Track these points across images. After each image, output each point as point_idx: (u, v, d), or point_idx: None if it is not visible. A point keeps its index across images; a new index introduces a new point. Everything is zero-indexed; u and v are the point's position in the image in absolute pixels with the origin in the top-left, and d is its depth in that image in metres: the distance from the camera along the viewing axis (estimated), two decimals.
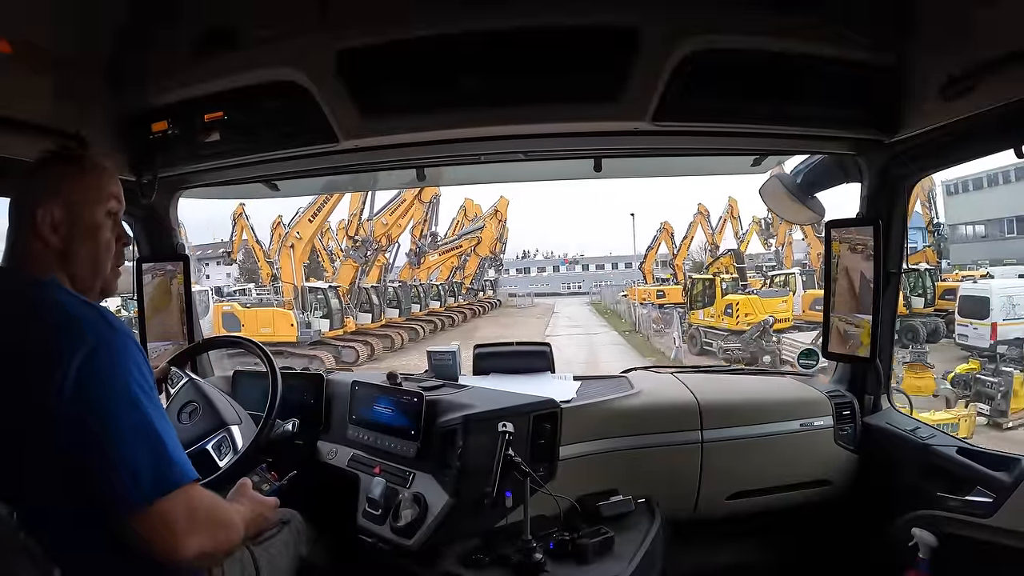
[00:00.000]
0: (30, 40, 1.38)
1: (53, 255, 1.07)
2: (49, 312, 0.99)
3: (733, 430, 2.01)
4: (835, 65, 1.53)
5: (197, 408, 1.67)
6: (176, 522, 0.97)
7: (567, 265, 57.28)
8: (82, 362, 0.94)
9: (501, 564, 1.50)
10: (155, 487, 0.95)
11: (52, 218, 1.06)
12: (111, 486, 0.94)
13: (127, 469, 0.94)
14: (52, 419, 0.92)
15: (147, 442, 0.96)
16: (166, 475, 0.97)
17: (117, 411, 0.95)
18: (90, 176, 1.12)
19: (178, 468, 0.99)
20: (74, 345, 0.94)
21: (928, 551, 1.67)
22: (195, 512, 1.00)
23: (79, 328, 0.97)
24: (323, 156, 1.81)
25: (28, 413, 0.94)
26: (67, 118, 1.54)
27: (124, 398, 0.96)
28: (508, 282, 50.55)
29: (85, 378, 0.93)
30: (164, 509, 0.96)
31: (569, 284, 54.52)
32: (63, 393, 0.92)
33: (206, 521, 1.02)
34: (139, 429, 0.96)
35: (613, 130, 1.69)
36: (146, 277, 2.20)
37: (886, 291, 1.93)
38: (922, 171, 1.88)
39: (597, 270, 56.40)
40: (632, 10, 1.45)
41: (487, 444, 1.53)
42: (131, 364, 0.99)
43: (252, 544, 1.34)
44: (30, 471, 0.94)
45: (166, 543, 0.96)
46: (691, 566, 2.05)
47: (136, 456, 0.95)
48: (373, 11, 1.49)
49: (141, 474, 0.94)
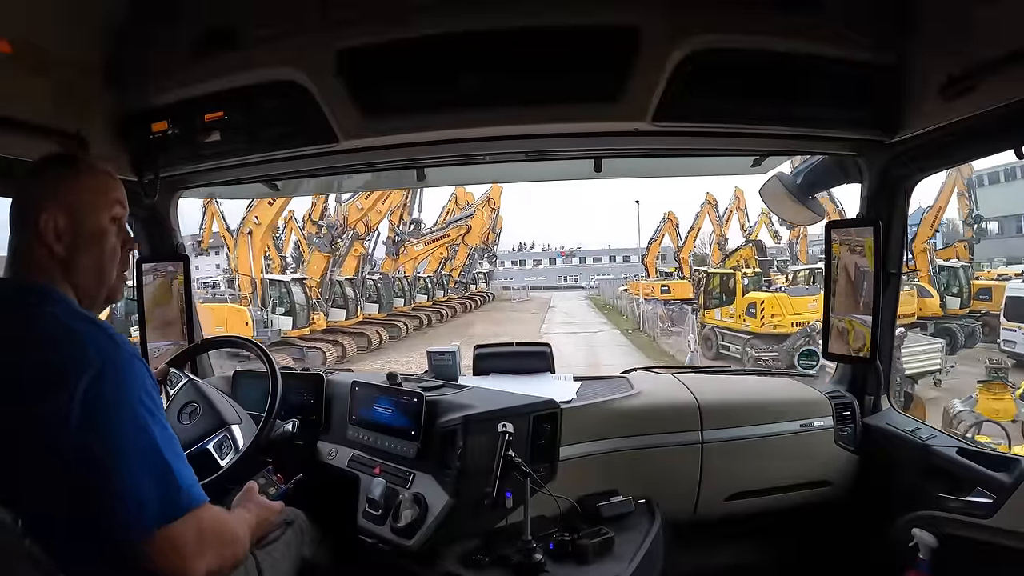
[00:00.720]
0: (30, 40, 1.38)
1: (57, 263, 1.04)
2: (50, 330, 0.97)
3: (733, 431, 2.01)
4: (835, 65, 1.53)
5: (197, 408, 1.67)
6: (185, 546, 0.96)
7: (564, 258, 56.38)
8: (88, 385, 0.91)
9: (501, 564, 1.50)
10: (162, 514, 0.94)
11: (56, 225, 1.03)
12: (116, 513, 0.92)
13: (133, 498, 0.92)
14: (58, 444, 0.91)
15: (154, 469, 0.95)
16: (174, 502, 0.96)
17: (124, 437, 0.93)
18: (93, 180, 1.09)
19: (186, 494, 0.98)
20: (80, 367, 0.92)
21: (928, 552, 1.67)
22: (203, 534, 0.99)
23: (83, 348, 0.95)
24: (323, 156, 1.81)
25: (31, 435, 0.91)
26: (67, 118, 1.54)
27: (131, 423, 0.94)
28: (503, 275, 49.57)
29: (92, 402, 0.91)
30: (173, 535, 0.95)
31: (566, 277, 53.67)
32: (70, 419, 0.90)
33: (214, 541, 1.01)
34: (146, 455, 0.94)
35: (613, 130, 1.68)
36: (147, 278, 2.20)
37: (886, 291, 1.93)
38: (922, 171, 1.88)
39: (595, 263, 55.62)
40: (633, 10, 1.45)
41: (487, 444, 1.53)
42: (137, 385, 0.97)
43: (255, 547, 1.34)
44: (34, 487, 0.93)
45: (176, 566, 0.95)
46: (691, 566, 2.05)
47: (142, 484, 0.93)
48: (373, 11, 1.49)
49: (147, 502, 0.93)
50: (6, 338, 0.96)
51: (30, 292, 1.01)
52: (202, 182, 2.14)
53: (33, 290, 1.01)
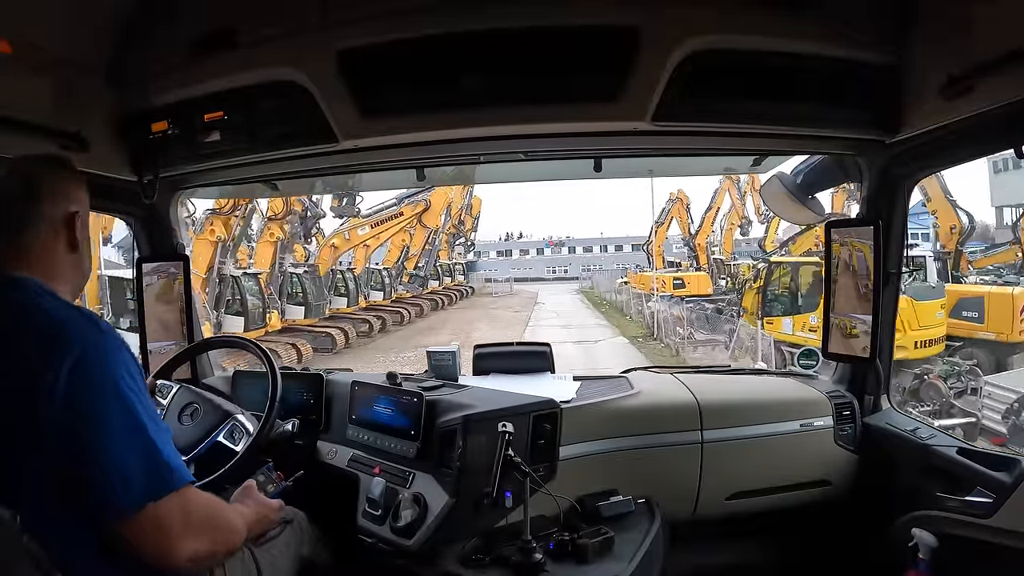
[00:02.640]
0: (30, 40, 1.38)
1: (59, 259, 1.08)
2: (37, 318, 0.98)
3: (733, 430, 2.01)
4: (835, 65, 1.53)
5: (197, 408, 1.68)
6: (171, 526, 0.96)
7: (552, 247, 53.69)
8: (72, 365, 0.93)
9: (501, 564, 1.50)
10: (147, 491, 0.95)
11: (79, 224, 1.10)
12: (102, 491, 0.93)
13: (118, 474, 0.93)
14: (44, 425, 0.92)
15: (139, 446, 0.96)
16: (160, 479, 0.96)
17: (108, 415, 0.95)
18: (83, 183, 1.15)
19: (172, 472, 0.98)
20: (64, 349, 0.94)
21: (928, 551, 1.67)
22: (190, 516, 0.99)
23: (68, 332, 0.96)
24: (323, 156, 1.81)
25: (19, 419, 0.93)
26: (67, 118, 1.54)
27: (115, 402, 0.96)
28: (487, 266, 47.53)
29: (76, 381, 0.93)
30: (158, 513, 0.95)
31: (554, 268, 50.89)
32: (54, 398, 0.92)
33: (202, 524, 1.01)
34: (131, 433, 0.96)
35: (613, 130, 1.68)
36: (147, 278, 2.20)
37: (886, 291, 1.93)
38: (922, 171, 1.88)
39: (585, 253, 52.97)
40: (633, 10, 1.45)
41: (487, 444, 1.53)
42: (120, 367, 0.98)
43: (254, 545, 1.35)
44: (26, 476, 0.94)
45: (159, 546, 0.96)
46: (691, 566, 2.05)
47: (128, 461, 0.94)
48: (373, 11, 1.49)
49: (132, 479, 0.94)
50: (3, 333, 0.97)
51: (17, 286, 1.02)
52: (202, 182, 2.14)
53: (19, 283, 1.03)
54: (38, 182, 1.09)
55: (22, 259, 1.05)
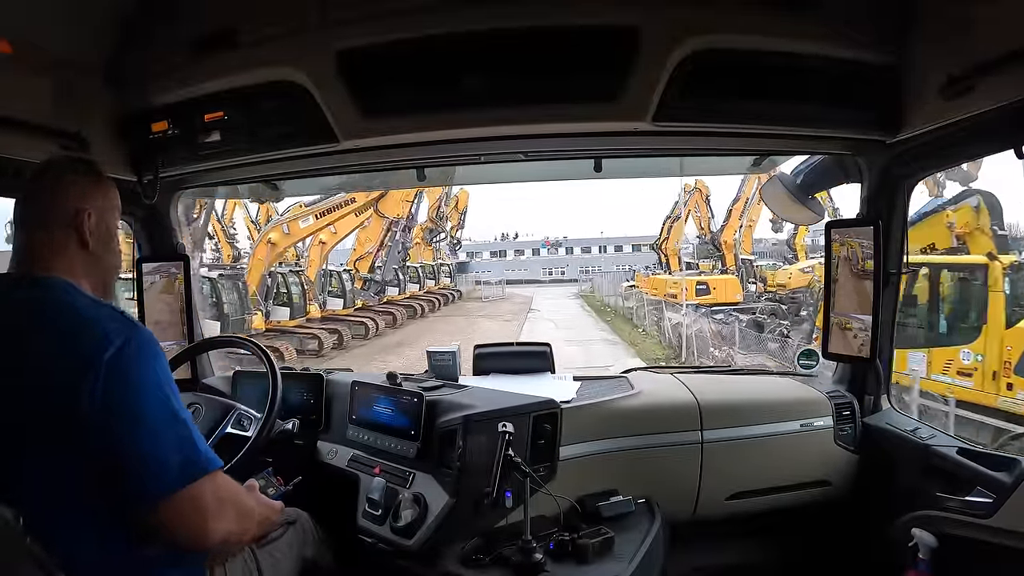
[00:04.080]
0: (30, 40, 1.38)
1: (82, 258, 1.10)
2: (69, 317, 1.01)
3: (733, 430, 2.01)
4: (835, 65, 1.53)
5: (199, 407, 1.70)
6: (206, 508, 1.00)
7: (548, 248, 51.61)
8: (111, 357, 0.96)
9: (501, 564, 1.50)
10: (182, 476, 0.98)
11: (91, 222, 1.11)
12: (140, 480, 0.96)
13: (157, 462, 0.97)
14: (82, 422, 0.94)
15: (176, 434, 1.00)
16: (194, 463, 1.00)
17: (146, 408, 0.98)
18: (109, 186, 1.18)
19: (204, 456, 1.03)
20: (101, 346, 0.96)
21: (928, 551, 1.67)
22: (222, 499, 1.04)
23: (105, 328, 0.99)
24: (323, 156, 1.81)
25: (46, 418, 0.95)
26: (67, 118, 1.54)
27: (153, 393, 0.99)
28: (480, 267, 44.95)
29: (115, 377, 0.96)
30: (194, 495, 0.99)
31: (551, 270, 48.45)
32: (95, 396, 0.94)
33: (231, 507, 1.06)
34: (167, 423, 0.99)
35: (613, 130, 1.68)
36: (147, 278, 2.20)
37: (886, 291, 1.93)
38: (922, 171, 1.87)
39: (583, 254, 50.87)
40: (633, 10, 1.45)
41: (487, 444, 1.53)
42: (153, 359, 1.01)
43: (256, 546, 1.35)
44: (46, 477, 0.96)
45: (196, 528, 1.00)
46: (691, 566, 2.05)
47: (166, 449, 0.98)
48: (373, 11, 1.49)
49: (169, 465, 0.97)
50: (27, 332, 0.99)
51: (47, 285, 1.05)
52: (202, 182, 2.14)
53: (50, 283, 1.05)
54: (48, 183, 1.11)
55: (42, 260, 1.07)
